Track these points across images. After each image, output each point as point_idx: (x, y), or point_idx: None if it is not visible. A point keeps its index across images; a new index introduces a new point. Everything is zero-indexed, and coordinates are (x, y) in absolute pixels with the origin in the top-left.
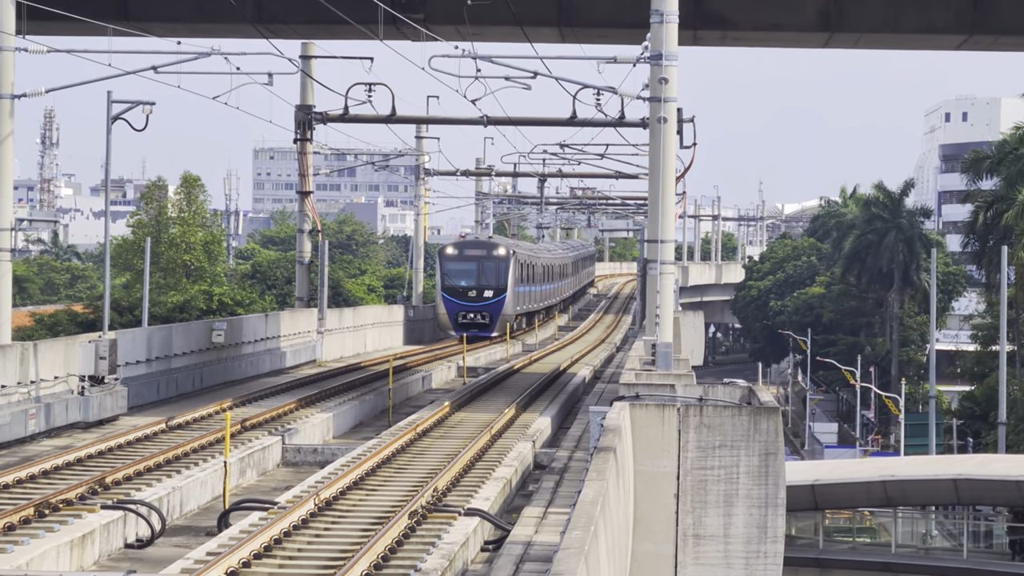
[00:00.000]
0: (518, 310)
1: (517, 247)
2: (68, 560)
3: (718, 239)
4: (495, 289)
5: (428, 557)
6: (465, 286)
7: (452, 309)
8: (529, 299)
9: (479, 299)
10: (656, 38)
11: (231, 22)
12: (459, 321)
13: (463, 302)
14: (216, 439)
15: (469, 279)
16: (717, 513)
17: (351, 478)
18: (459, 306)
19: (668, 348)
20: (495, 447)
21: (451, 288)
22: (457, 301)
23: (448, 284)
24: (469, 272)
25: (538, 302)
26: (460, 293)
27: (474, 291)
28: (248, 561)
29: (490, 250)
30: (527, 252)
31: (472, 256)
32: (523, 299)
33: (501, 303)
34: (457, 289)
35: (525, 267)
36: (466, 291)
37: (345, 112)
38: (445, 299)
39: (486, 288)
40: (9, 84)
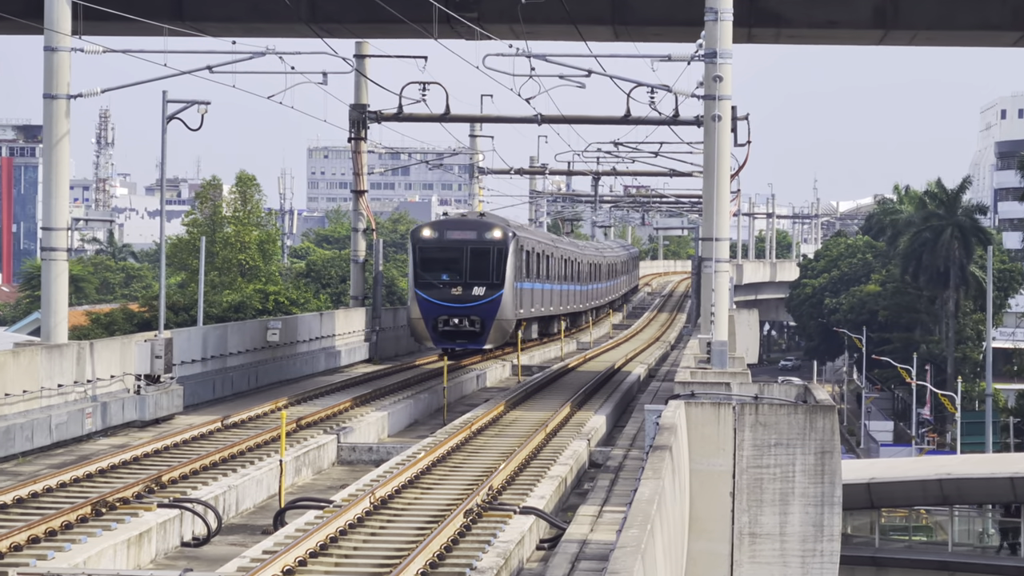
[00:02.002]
0: (521, 314)
1: (520, 229)
2: (125, 558)
3: (773, 237)
4: (488, 284)
5: (484, 555)
6: (447, 281)
7: (430, 313)
8: (540, 300)
9: (466, 299)
10: (710, 36)
11: (286, 22)
12: (439, 329)
13: (444, 303)
14: (271, 438)
15: (452, 271)
16: (773, 511)
17: (406, 476)
18: (438, 308)
19: (723, 346)
20: (550, 445)
21: (428, 284)
22: (436, 302)
23: (424, 278)
24: (452, 262)
25: (556, 304)
26: (440, 290)
27: (459, 287)
28: (304, 560)
29: (481, 231)
30: (535, 238)
31: (456, 240)
32: (529, 299)
33: (496, 304)
34: (436, 285)
35: (532, 257)
36: (448, 288)
37: (399, 111)
38: (420, 299)
39: (475, 283)
40: (65, 84)
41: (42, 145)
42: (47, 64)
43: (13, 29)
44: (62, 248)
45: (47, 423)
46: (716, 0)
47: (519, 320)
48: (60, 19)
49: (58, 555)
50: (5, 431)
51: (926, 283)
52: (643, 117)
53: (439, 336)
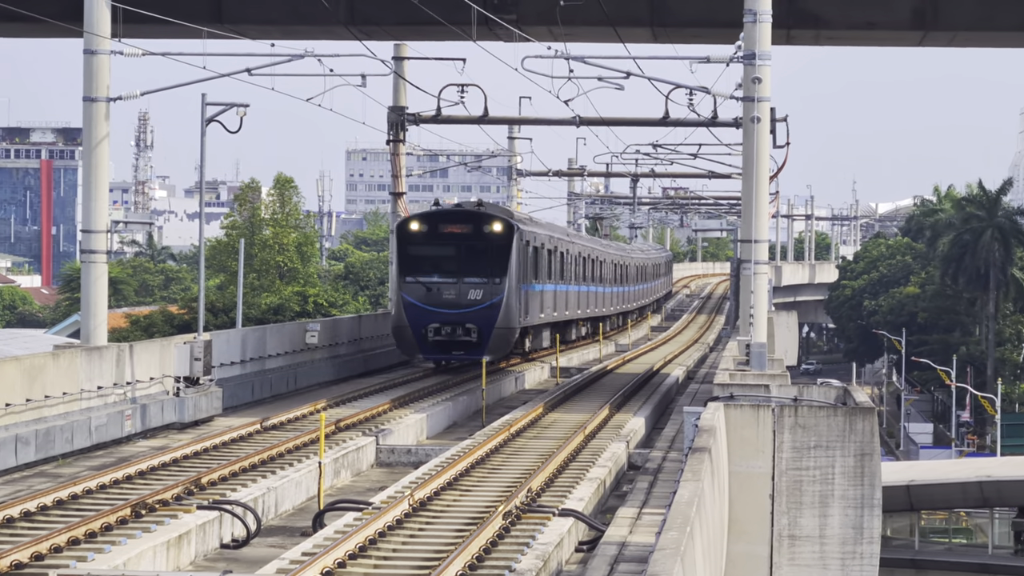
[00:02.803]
0: (528, 320)
1: (526, 222)
2: (164, 560)
3: (811, 239)
4: (487, 286)
5: (523, 557)
6: (439, 282)
7: (418, 319)
8: (551, 304)
9: (461, 303)
10: (749, 37)
11: (324, 24)
12: (429, 338)
13: (435, 308)
14: (311, 440)
15: (445, 271)
16: (812, 514)
17: (445, 478)
18: (428, 314)
19: (762, 348)
20: (589, 447)
21: (416, 286)
22: (425, 307)
23: (411, 279)
24: (445, 260)
25: (574, 308)
26: (430, 293)
27: (452, 290)
28: (343, 561)
29: (479, 224)
30: (545, 233)
31: (450, 235)
32: (538, 303)
33: (496, 309)
34: (425, 287)
35: (542, 254)
36: (440, 290)
37: (438, 113)
38: (406, 303)
39: (472, 285)
40: (104, 87)
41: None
42: (86, 67)
43: (53, 32)
44: (101, 250)
45: (87, 425)
46: (755, 1)
47: (525, 328)
48: (99, 22)
49: (98, 557)
50: (45, 433)
51: (966, 285)
52: (682, 119)
53: (429, 346)
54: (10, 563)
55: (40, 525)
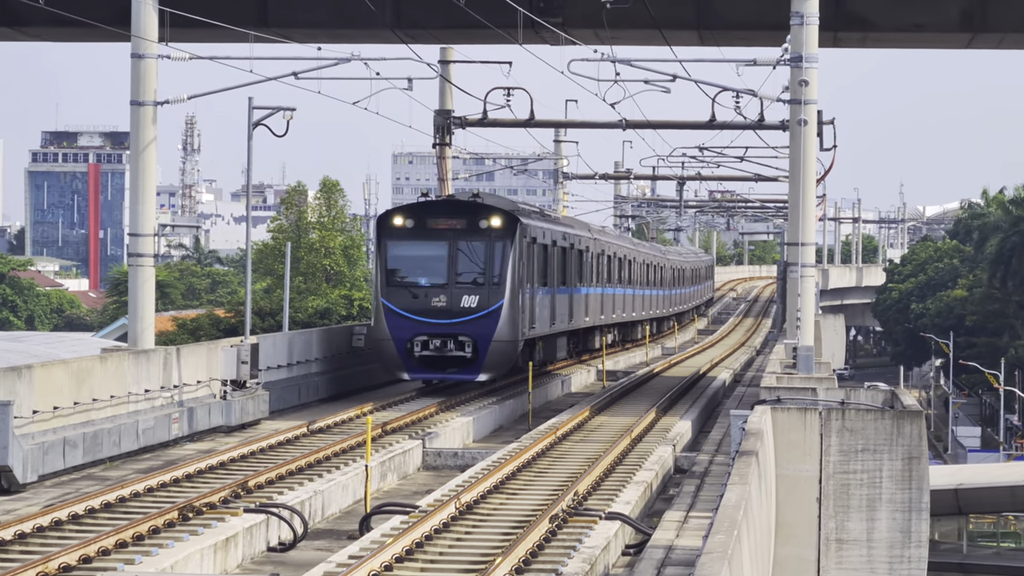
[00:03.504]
0: (534, 330)
1: (531, 215)
2: (212, 563)
3: (858, 242)
4: (483, 291)
5: (569, 561)
6: (427, 287)
7: (402, 332)
8: (564, 310)
9: (452, 311)
10: (796, 40)
11: (370, 27)
12: (414, 354)
13: (421, 318)
14: (357, 443)
15: (433, 273)
16: (860, 517)
17: (491, 482)
18: (414, 325)
19: (809, 351)
20: (635, 451)
21: (399, 292)
22: (410, 316)
23: (394, 284)
24: (433, 259)
25: (595, 313)
26: (416, 301)
27: (442, 296)
28: (390, 564)
29: (474, 218)
30: (555, 228)
31: (440, 231)
32: (547, 310)
33: (495, 319)
34: (411, 293)
35: (552, 253)
36: (427, 297)
37: (484, 116)
38: (388, 313)
39: (466, 290)
40: (152, 91)
41: (129, 152)
42: (134, 71)
43: (100, 36)
44: (149, 254)
45: (134, 428)
46: (802, 4)
47: (530, 340)
48: (147, 26)
49: (145, 559)
50: (93, 436)
51: (1015, 288)
52: (728, 122)
53: (415, 364)
54: (58, 565)
55: (88, 528)
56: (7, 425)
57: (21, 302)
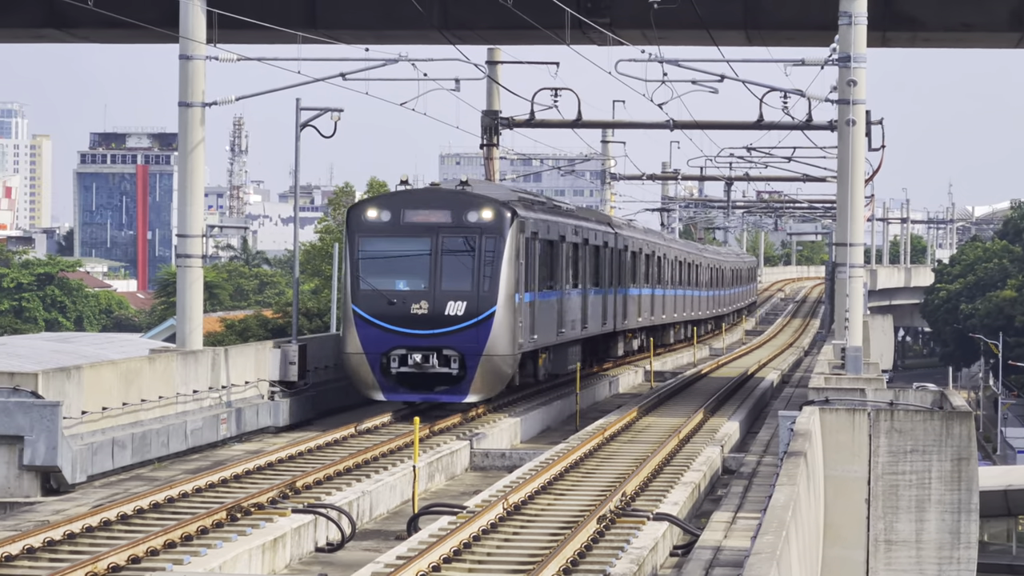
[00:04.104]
0: (537, 340)
1: (528, 206)
2: (260, 563)
3: (907, 242)
4: (471, 297)
5: (617, 561)
6: (405, 293)
7: (376, 345)
8: (578, 314)
9: (435, 321)
10: (844, 39)
11: (418, 28)
12: (391, 371)
13: (399, 328)
14: (405, 444)
15: (413, 276)
16: (909, 519)
17: (539, 482)
18: (390, 337)
19: (857, 352)
20: (683, 451)
21: (373, 298)
22: (386, 326)
23: (367, 289)
24: (413, 260)
25: (617, 317)
26: (393, 308)
27: (423, 303)
28: (438, 565)
29: (461, 211)
30: (559, 220)
31: (421, 225)
32: (552, 315)
33: (485, 329)
34: (386, 300)
35: (556, 250)
36: (406, 304)
37: (531, 117)
38: (360, 322)
39: (452, 295)
40: (200, 92)
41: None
42: (182, 72)
43: (149, 38)
44: (197, 255)
45: (182, 429)
46: (850, 3)
47: (528, 353)
48: (195, 28)
49: (194, 559)
50: (141, 436)
51: None
52: (776, 122)
53: (392, 382)
54: (107, 565)
55: (136, 528)
56: (56, 426)
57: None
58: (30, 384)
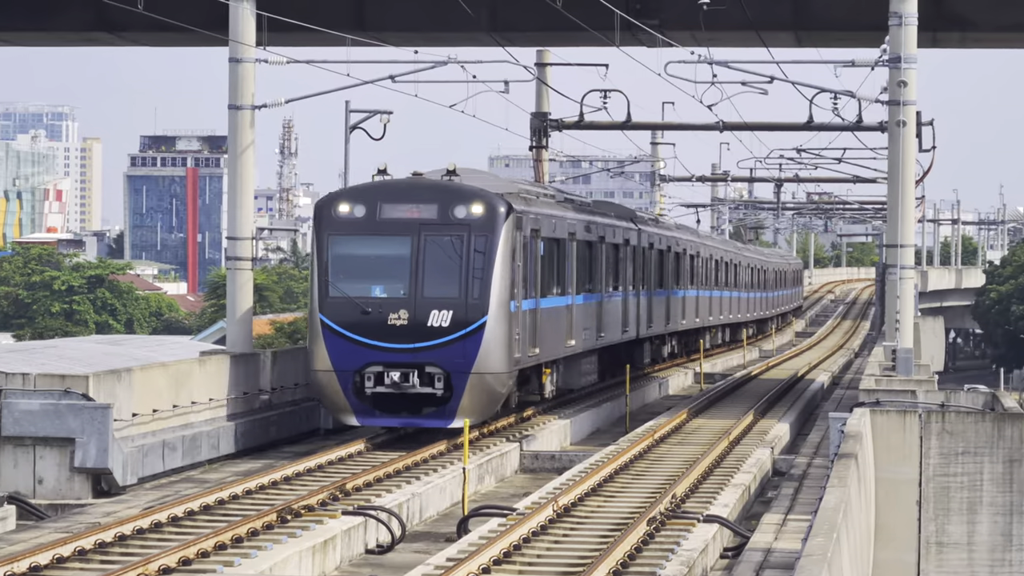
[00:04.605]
0: (539, 353)
1: (525, 199)
2: (310, 565)
3: (958, 243)
4: (458, 306)
5: (667, 564)
6: (381, 299)
7: (347, 360)
8: (592, 322)
9: (416, 333)
10: (895, 40)
11: (467, 30)
12: (365, 391)
13: (374, 341)
14: (454, 446)
15: (391, 280)
16: (960, 521)
17: (589, 484)
18: (364, 351)
19: (908, 354)
20: (733, 453)
21: (343, 305)
22: (358, 339)
23: (336, 295)
24: (391, 262)
25: (641, 323)
26: (366, 318)
27: (403, 312)
28: (488, 567)
29: (447, 204)
30: (564, 217)
31: (400, 221)
32: (560, 324)
33: (475, 342)
34: (358, 308)
35: (566, 249)
36: (382, 312)
37: (580, 119)
38: (329, 333)
39: (434, 303)
40: (249, 95)
41: (227, 156)
42: (232, 75)
43: (198, 41)
44: (247, 257)
45: (232, 431)
46: (900, 4)
47: (526, 369)
48: (245, 31)
49: (244, 561)
50: (192, 439)
51: None
52: (826, 123)
53: (366, 404)
54: (158, 567)
55: (188, 530)
56: (107, 428)
57: (120, 306)
58: (81, 386)
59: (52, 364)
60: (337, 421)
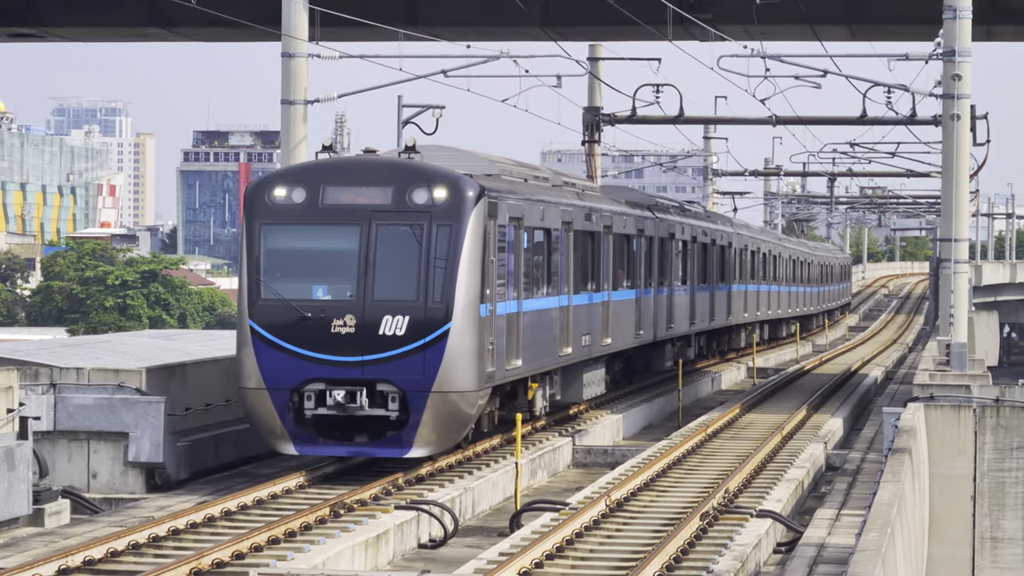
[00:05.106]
0: (506, 371)
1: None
2: (363, 559)
3: (1013, 237)
4: (415, 311)
5: (720, 558)
6: (323, 302)
7: (282, 377)
8: (584, 324)
9: (366, 344)
10: (949, 34)
11: (519, 25)
12: (305, 413)
13: (315, 353)
14: (507, 440)
15: (334, 279)
16: (1016, 515)
17: (641, 479)
18: (303, 366)
19: (963, 348)
20: (786, 448)
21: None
22: (297, 350)
23: (270, 298)
24: (334, 259)
25: (659, 323)
26: (307, 326)
27: (350, 318)
28: (540, 561)
29: (403, 187)
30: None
31: (346, 209)
32: (542, 332)
33: (437, 354)
34: (297, 312)
35: (556, 241)
36: (325, 318)
37: (633, 113)
38: (260, 343)
39: (388, 308)
40: (303, 90)
41: (279, 150)
42: (284, 70)
43: (251, 36)
44: None
45: None
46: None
47: (500, 387)
48: (297, 25)
49: (297, 556)
50: (244, 433)
51: None
52: (879, 117)
53: (306, 428)
54: (212, 561)
55: (241, 524)
56: (160, 422)
57: (174, 300)
58: (135, 381)
59: (106, 359)
60: (272, 450)
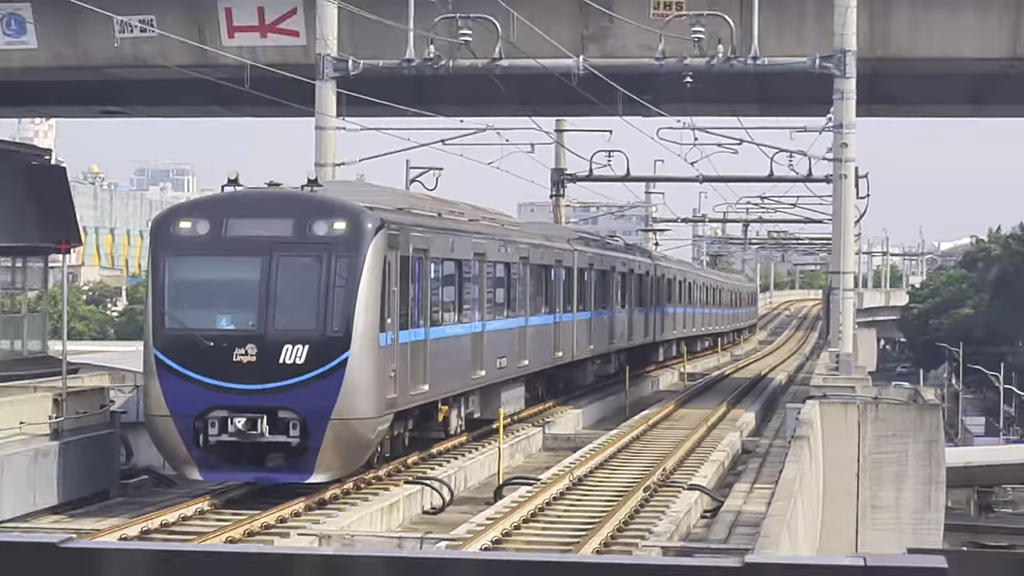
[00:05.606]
0: (410, 396)
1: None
2: (379, 523)
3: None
4: (316, 340)
5: (659, 523)
6: (226, 332)
7: (186, 404)
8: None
9: (267, 372)
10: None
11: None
12: (208, 440)
13: (217, 381)
14: (492, 431)
15: (236, 309)
16: (890, 489)
17: (597, 460)
18: (206, 394)
19: (849, 357)
20: (711, 436)
21: (182, 338)
22: (200, 379)
23: (175, 325)
24: (237, 289)
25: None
26: (209, 355)
27: (251, 347)
28: (518, 524)
29: (305, 219)
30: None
31: (249, 241)
32: (451, 358)
33: (336, 381)
34: (199, 343)
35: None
36: (228, 347)
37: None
38: (165, 372)
39: (288, 336)
40: (331, 155)
41: None
42: (317, 140)
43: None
44: None
45: None
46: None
47: (402, 413)
48: (327, 105)
49: (328, 520)
50: None
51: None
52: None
53: (211, 455)
54: (261, 524)
55: (281, 497)
56: None
57: None
58: None
59: None
60: (180, 475)
